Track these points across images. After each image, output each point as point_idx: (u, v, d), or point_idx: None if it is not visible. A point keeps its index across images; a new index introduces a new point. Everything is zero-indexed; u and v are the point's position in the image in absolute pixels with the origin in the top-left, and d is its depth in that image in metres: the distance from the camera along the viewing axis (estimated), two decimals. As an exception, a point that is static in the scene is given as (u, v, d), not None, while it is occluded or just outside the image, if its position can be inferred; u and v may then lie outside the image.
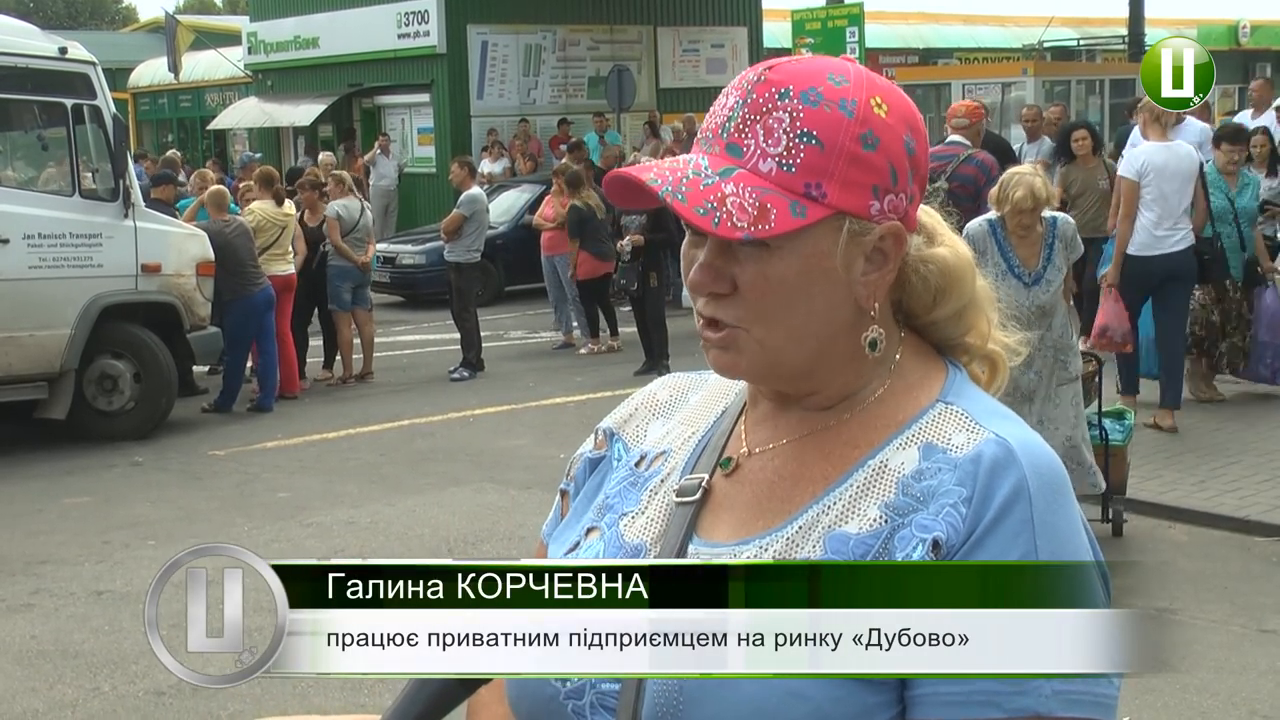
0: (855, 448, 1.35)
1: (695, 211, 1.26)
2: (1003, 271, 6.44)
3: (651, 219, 12.14)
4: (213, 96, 31.42)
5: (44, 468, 9.51)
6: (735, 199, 1.26)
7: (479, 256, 12.97)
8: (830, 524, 1.30)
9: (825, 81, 1.31)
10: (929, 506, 1.27)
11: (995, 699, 1.21)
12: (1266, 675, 5.34)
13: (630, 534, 1.40)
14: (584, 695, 1.31)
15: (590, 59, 25.08)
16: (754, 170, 1.29)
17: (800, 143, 1.28)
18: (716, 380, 1.52)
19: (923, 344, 1.42)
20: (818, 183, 1.29)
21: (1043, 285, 6.50)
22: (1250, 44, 34.73)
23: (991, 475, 1.27)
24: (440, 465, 9.24)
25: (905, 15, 36.27)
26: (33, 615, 6.43)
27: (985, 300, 1.44)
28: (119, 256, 10.17)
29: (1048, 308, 6.51)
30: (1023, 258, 6.48)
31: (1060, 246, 6.53)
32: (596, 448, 1.54)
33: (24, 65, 10.10)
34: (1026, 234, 6.41)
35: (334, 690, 5.05)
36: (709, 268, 1.32)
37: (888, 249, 1.33)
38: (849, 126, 1.29)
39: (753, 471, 1.39)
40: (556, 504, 1.55)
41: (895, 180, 1.32)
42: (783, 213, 1.27)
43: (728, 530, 1.36)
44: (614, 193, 1.36)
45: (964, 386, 1.39)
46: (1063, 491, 1.29)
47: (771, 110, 1.30)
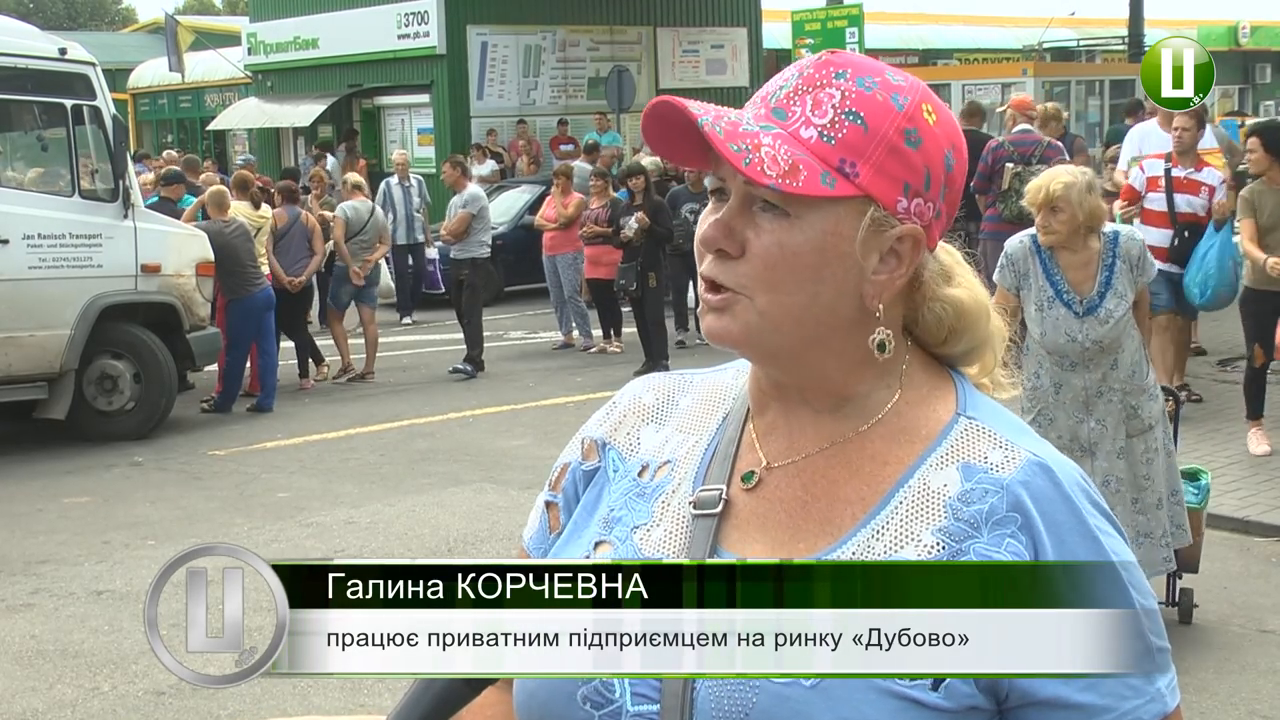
0: (885, 464, 1.34)
1: (730, 147, 1.25)
2: (1049, 298, 5.37)
3: (650, 216, 12.16)
4: (212, 97, 31.43)
5: (44, 468, 9.51)
6: (770, 150, 1.26)
7: (489, 250, 12.97)
8: (885, 550, 1.29)
9: (883, 76, 1.32)
10: (984, 534, 1.27)
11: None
12: (1266, 675, 5.34)
13: (648, 548, 1.37)
14: (620, 719, 1.28)
15: (590, 60, 25.10)
16: (795, 135, 1.29)
17: (845, 120, 1.28)
18: (704, 382, 1.50)
19: (927, 356, 1.41)
20: (853, 161, 1.28)
21: (1099, 316, 5.32)
22: (1250, 45, 34.78)
23: (1042, 501, 1.28)
24: (440, 465, 9.24)
25: (905, 16, 36.28)
26: (33, 615, 6.43)
27: (998, 339, 1.43)
28: (119, 257, 10.17)
29: (1108, 343, 5.35)
30: (1073, 282, 5.35)
31: (1123, 269, 5.33)
32: (586, 457, 1.50)
33: (24, 66, 10.10)
34: (1052, 244, 5.31)
35: (334, 690, 5.05)
36: (724, 225, 1.30)
37: (904, 252, 1.32)
38: (896, 118, 1.30)
39: (778, 487, 1.37)
40: (542, 515, 1.51)
41: (928, 185, 1.32)
42: (813, 177, 1.26)
43: (763, 549, 1.33)
44: (651, 129, 1.34)
45: (977, 398, 1.39)
46: (1093, 494, 1.32)
47: (825, 85, 1.30)
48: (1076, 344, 5.35)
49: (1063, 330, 5.37)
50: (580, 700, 1.29)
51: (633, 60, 25.10)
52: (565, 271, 13.73)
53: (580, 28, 25.06)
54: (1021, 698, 1.24)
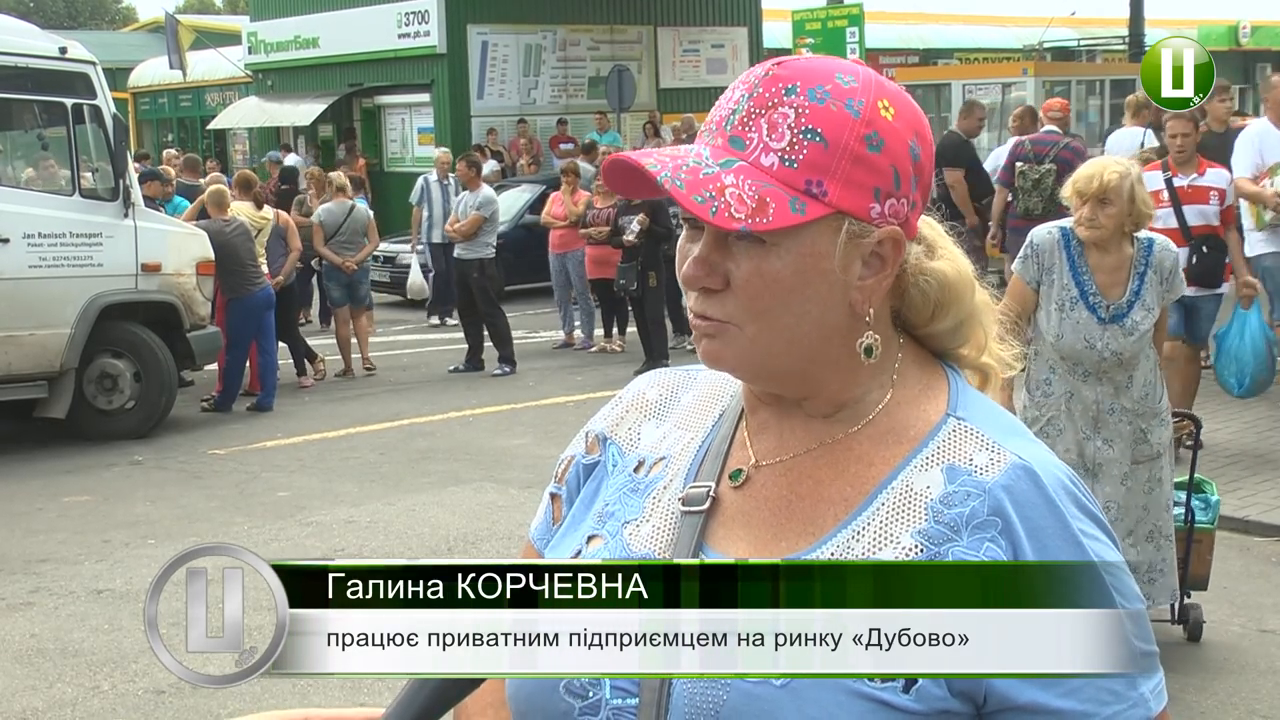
0: (871, 465, 1.33)
1: (693, 200, 1.24)
2: (1072, 299, 4.98)
3: (650, 215, 12.16)
4: (213, 96, 31.43)
5: (44, 466, 9.51)
6: (735, 190, 1.25)
7: (494, 251, 12.95)
8: (864, 551, 1.28)
9: (833, 80, 1.29)
10: (963, 537, 1.26)
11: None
12: (1266, 675, 5.34)
13: (636, 543, 1.38)
14: (599, 711, 1.29)
15: (590, 59, 25.09)
16: (755, 164, 1.27)
17: (804, 139, 1.27)
18: (707, 379, 1.50)
19: (921, 351, 1.40)
20: (819, 180, 1.27)
21: (1125, 326, 4.96)
22: (1250, 44, 34.76)
23: (1024, 505, 1.27)
24: (440, 464, 9.24)
25: (905, 15, 36.26)
26: (32, 614, 6.43)
27: (985, 312, 1.42)
28: (119, 256, 10.17)
29: (1127, 357, 4.99)
30: (1102, 285, 4.97)
31: (1154, 279, 4.99)
32: (589, 451, 1.50)
33: (24, 65, 10.11)
34: (1095, 240, 4.93)
35: (334, 690, 5.05)
36: (703, 262, 1.29)
37: (886, 254, 1.32)
38: (854, 126, 1.28)
39: (764, 486, 1.37)
40: (546, 507, 1.52)
41: (898, 184, 1.31)
42: (781, 208, 1.25)
43: (745, 547, 1.34)
44: (612, 179, 1.34)
45: (970, 396, 1.38)
46: (1081, 497, 1.30)
47: (777, 105, 1.28)
48: (1094, 352, 4.97)
49: (1082, 335, 4.98)
50: (563, 691, 1.31)
51: (633, 60, 25.09)
52: (575, 269, 13.69)
53: (580, 27, 25.05)
54: (1000, 703, 1.24)
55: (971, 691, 1.23)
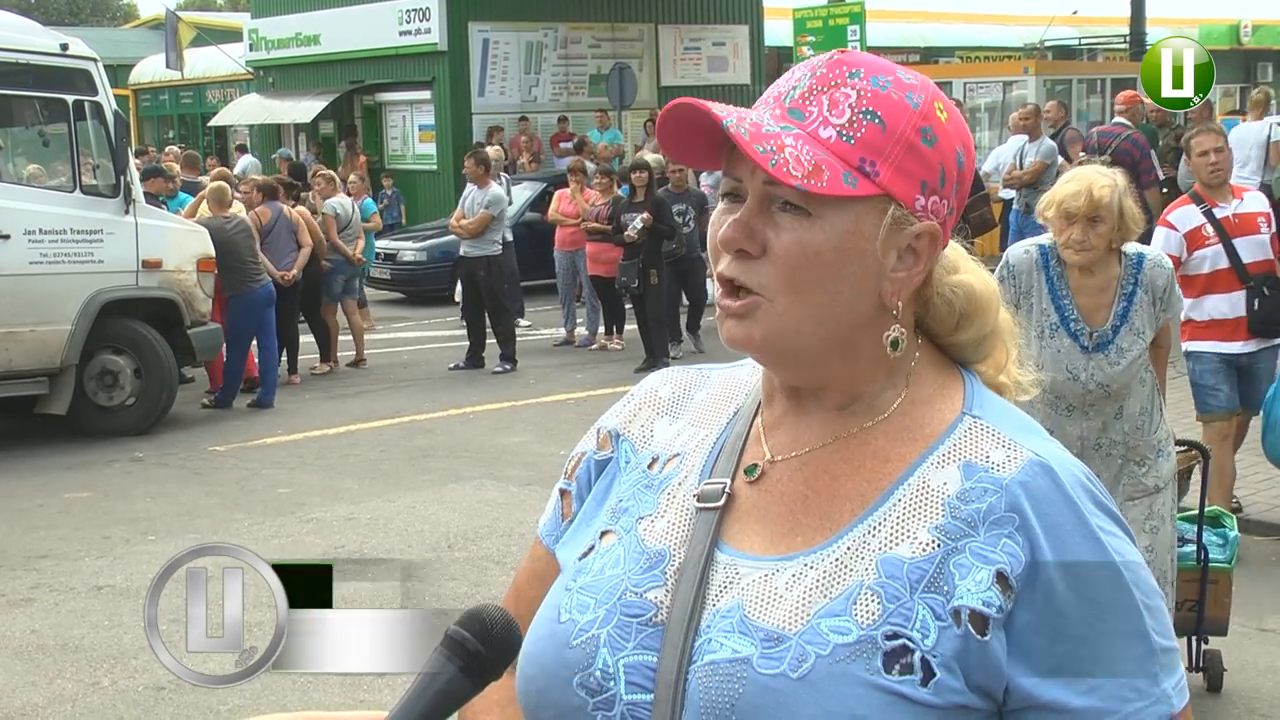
0: (886, 461, 1.33)
1: (755, 149, 1.25)
2: (1052, 324, 4.44)
3: (652, 213, 12.16)
4: (214, 93, 31.42)
5: (44, 463, 9.51)
6: (793, 150, 1.26)
7: (501, 248, 12.94)
8: (880, 546, 1.28)
9: (895, 74, 1.32)
10: (980, 533, 1.26)
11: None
12: (1265, 675, 5.35)
13: (651, 539, 1.37)
14: (614, 707, 1.29)
15: (591, 57, 25.08)
16: (814, 135, 1.29)
17: (864, 119, 1.29)
18: (720, 377, 1.50)
19: (939, 355, 1.41)
20: (873, 160, 1.29)
21: (1110, 354, 4.41)
22: (1251, 44, 34.76)
23: (1041, 502, 1.27)
24: (440, 461, 9.24)
25: (906, 14, 36.22)
26: (33, 610, 6.44)
27: (1006, 332, 1.43)
28: (120, 252, 10.17)
29: (1114, 388, 4.42)
30: (1084, 308, 4.42)
31: (1144, 300, 4.41)
32: (600, 448, 1.50)
33: (25, 61, 10.11)
34: (1086, 263, 4.36)
35: (334, 687, 5.06)
36: (744, 225, 1.30)
37: (922, 249, 1.33)
38: (912, 117, 1.30)
39: (779, 481, 1.37)
40: (556, 503, 1.52)
41: (943, 183, 1.33)
42: (835, 177, 1.27)
43: (761, 542, 1.34)
44: (666, 130, 1.34)
45: (985, 396, 1.38)
46: (1098, 494, 1.30)
47: (840, 85, 1.31)
48: (1078, 384, 4.42)
49: (1064, 365, 4.43)
50: (576, 687, 1.30)
51: (634, 57, 25.08)
52: (584, 267, 13.66)
53: (582, 25, 25.04)
54: (1022, 700, 1.24)
55: (991, 687, 1.23)
